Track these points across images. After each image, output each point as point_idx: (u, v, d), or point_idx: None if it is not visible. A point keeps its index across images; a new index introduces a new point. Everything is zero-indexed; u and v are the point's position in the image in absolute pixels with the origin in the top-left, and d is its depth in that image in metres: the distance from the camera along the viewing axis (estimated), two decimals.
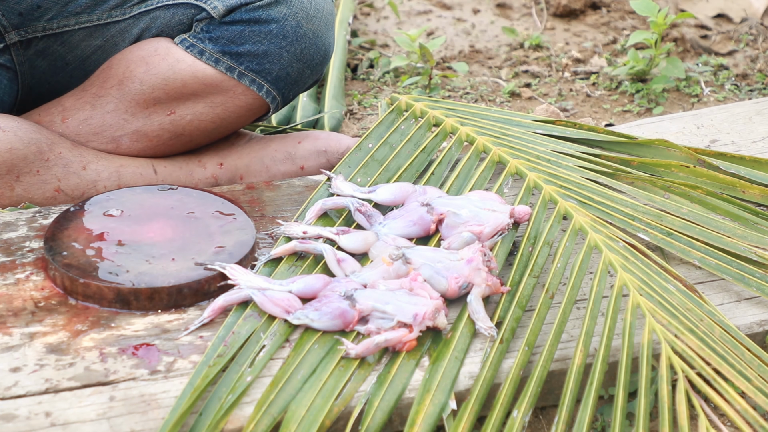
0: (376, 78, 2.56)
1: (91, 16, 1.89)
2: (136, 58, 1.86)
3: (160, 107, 1.87)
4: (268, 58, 1.87)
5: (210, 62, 1.86)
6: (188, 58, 1.86)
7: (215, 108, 1.88)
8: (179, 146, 1.91)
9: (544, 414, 1.51)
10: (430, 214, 1.66)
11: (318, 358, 1.45)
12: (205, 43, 1.86)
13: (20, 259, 1.63)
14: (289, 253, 1.62)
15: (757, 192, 1.80)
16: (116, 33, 1.90)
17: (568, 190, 1.77)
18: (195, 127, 1.89)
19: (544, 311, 1.54)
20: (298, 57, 1.88)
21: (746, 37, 2.78)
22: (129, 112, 1.86)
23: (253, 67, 1.86)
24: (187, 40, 1.87)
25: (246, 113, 1.90)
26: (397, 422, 1.42)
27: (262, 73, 1.87)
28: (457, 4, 2.96)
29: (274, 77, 1.88)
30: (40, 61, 1.91)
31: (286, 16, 1.86)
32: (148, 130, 1.88)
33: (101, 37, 1.90)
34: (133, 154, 1.89)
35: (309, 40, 1.88)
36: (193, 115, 1.88)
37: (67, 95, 1.89)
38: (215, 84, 1.87)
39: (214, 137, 1.93)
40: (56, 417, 1.36)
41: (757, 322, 1.59)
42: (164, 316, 1.53)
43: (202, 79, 1.86)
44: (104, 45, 1.91)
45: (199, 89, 1.86)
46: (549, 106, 2.29)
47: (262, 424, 1.36)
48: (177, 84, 1.85)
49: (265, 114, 1.94)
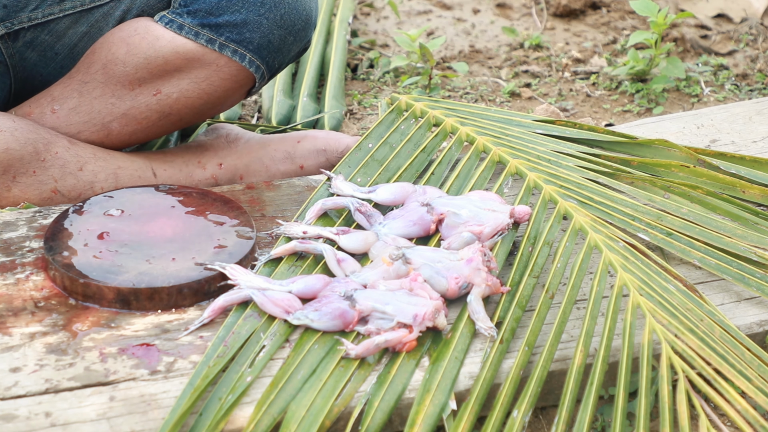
0: (376, 78, 2.56)
1: (75, 2, 1.89)
2: (117, 40, 1.86)
3: (145, 87, 1.86)
4: (248, 26, 1.85)
5: (190, 36, 1.85)
6: (168, 34, 1.85)
7: (200, 83, 1.87)
8: (169, 126, 1.90)
9: (544, 414, 1.51)
10: (430, 214, 1.66)
11: (318, 358, 1.45)
12: (184, 17, 1.85)
13: (20, 259, 1.63)
14: (289, 253, 1.62)
15: (757, 192, 1.80)
16: (100, 17, 1.89)
17: (568, 190, 1.77)
18: (182, 104, 1.88)
19: (544, 311, 1.54)
20: (278, 23, 1.86)
21: (746, 37, 2.78)
22: (115, 95, 1.86)
23: (234, 37, 1.85)
24: (166, 17, 1.86)
25: (232, 86, 1.89)
26: (397, 422, 1.42)
27: (243, 43, 1.86)
28: (457, 4, 2.96)
29: (256, 46, 1.87)
30: (30, 53, 1.90)
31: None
32: (136, 112, 1.87)
33: (86, 23, 1.90)
34: (125, 139, 1.88)
35: (288, 4, 1.86)
36: (179, 93, 1.87)
37: (55, 84, 1.89)
38: (197, 58, 1.86)
39: (205, 114, 1.91)
40: (56, 417, 1.36)
41: (757, 322, 1.59)
42: (164, 316, 1.53)
43: (183, 54, 1.85)
44: (90, 31, 1.90)
45: (181, 65, 1.86)
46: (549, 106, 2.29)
47: (262, 424, 1.36)
48: (159, 61, 1.85)
49: (253, 86, 1.93)
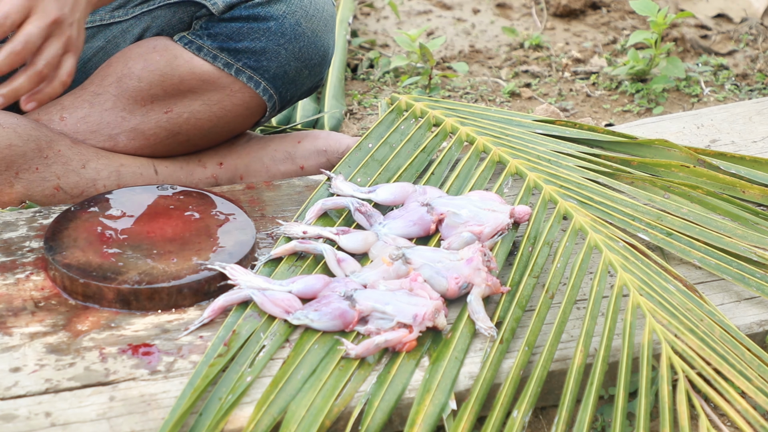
0: (376, 78, 2.56)
1: (94, 17, 1.89)
2: (135, 55, 1.86)
3: (157, 104, 1.86)
4: (266, 55, 1.86)
5: (207, 58, 1.85)
6: (186, 54, 1.86)
7: (212, 106, 1.88)
8: (176, 146, 1.91)
9: (544, 414, 1.51)
10: (430, 214, 1.66)
11: (318, 358, 1.45)
12: (204, 39, 1.86)
13: (20, 259, 1.63)
14: (289, 253, 1.62)
15: (757, 192, 1.80)
16: (118, 33, 1.90)
17: (568, 190, 1.77)
18: (192, 125, 1.88)
19: (544, 311, 1.54)
20: (296, 55, 1.88)
21: (746, 37, 2.78)
22: (126, 109, 1.86)
23: (251, 63, 1.86)
24: (186, 37, 1.87)
25: (243, 112, 1.90)
26: (397, 422, 1.42)
27: (260, 70, 1.87)
28: (457, 4, 2.96)
29: (272, 75, 1.88)
30: None
31: (285, 13, 1.86)
32: (145, 128, 1.87)
33: (103, 38, 1.90)
34: (131, 152, 1.89)
35: (307, 38, 1.88)
36: (190, 113, 1.88)
37: (67, 94, 1.89)
38: (212, 80, 1.87)
39: (213, 138, 1.92)
40: (56, 417, 1.36)
41: (757, 322, 1.59)
42: (164, 316, 1.53)
43: (199, 75, 1.86)
44: (106, 46, 1.91)
45: (196, 86, 1.86)
46: (549, 106, 2.29)
47: (262, 424, 1.36)
48: (174, 80, 1.85)
49: (262, 116, 1.94)
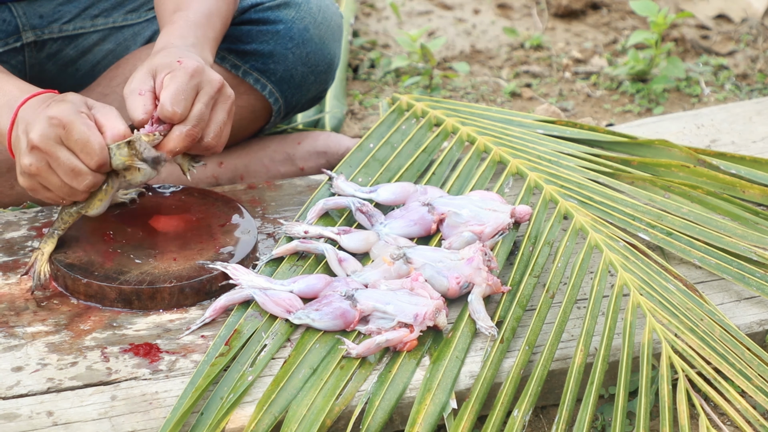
0: (377, 78, 2.56)
1: (107, 20, 1.90)
2: (144, 56, 1.86)
3: None
4: (273, 58, 1.87)
5: (215, 59, 1.86)
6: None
7: None
8: None
9: (545, 413, 1.52)
10: (431, 214, 1.66)
11: (319, 357, 1.45)
12: None
13: (22, 259, 1.64)
14: (291, 252, 1.62)
15: (757, 192, 1.81)
16: (129, 36, 1.90)
17: (569, 189, 1.77)
18: None
19: (544, 311, 1.55)
20: (303, 60, 1.88)
21: (746, 37, 2.78)
22: None
23: (258, 66, 1.87)
24: None
25: (249, 115, 1.90)
26: (398, 421, 1.43)
27: (267, 73, 1.87)
28: (458, 5, 2.96)
29: (278, 78, 1.88)
30: (51, 65, 1.91)
31: (294, 18, 1.86)
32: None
33: (114, 40, 1.90)
34: None
35: (315, 44, 1.88)
36: None
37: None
38: None
39: None
40: (58, 416, 1.36)
41: (757, 322, 1.59)
42: (166, 316, 1.54)
43: None
44: (116, 49, 1.91)
45: None
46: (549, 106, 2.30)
47: (264, 423, 1.36)
48: None
49: (267, 122, 1.94)
